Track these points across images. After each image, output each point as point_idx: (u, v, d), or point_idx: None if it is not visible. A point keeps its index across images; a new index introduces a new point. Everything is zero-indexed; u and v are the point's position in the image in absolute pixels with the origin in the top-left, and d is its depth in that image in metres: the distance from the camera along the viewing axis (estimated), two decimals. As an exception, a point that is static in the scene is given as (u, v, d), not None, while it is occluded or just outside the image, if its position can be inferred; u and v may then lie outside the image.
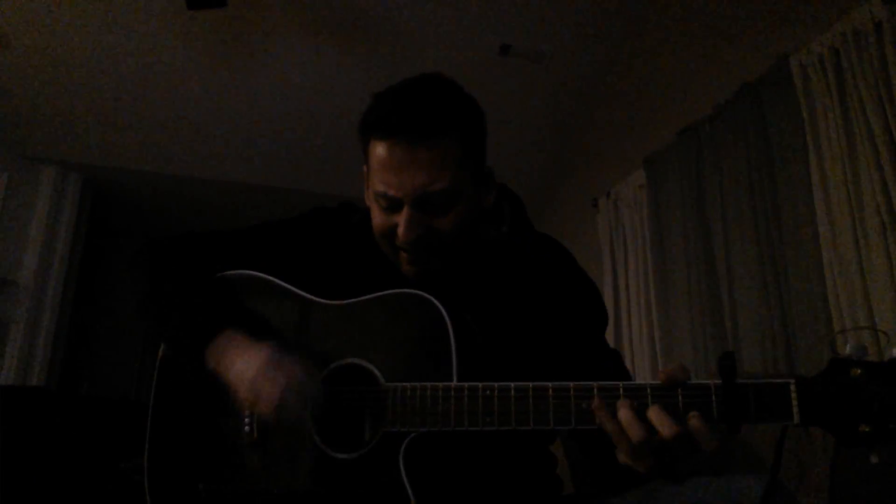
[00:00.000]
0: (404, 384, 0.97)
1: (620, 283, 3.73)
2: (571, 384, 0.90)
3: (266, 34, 3.61)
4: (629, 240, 3.71)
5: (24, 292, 3.91)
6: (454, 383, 0.95)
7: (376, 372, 1.01)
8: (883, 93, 2.34)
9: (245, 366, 0.99)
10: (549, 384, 0.91)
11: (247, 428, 1.04)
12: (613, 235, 3.83)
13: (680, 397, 0.86)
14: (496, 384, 0.93)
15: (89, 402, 3.23)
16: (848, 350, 0.84)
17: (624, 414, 0.86)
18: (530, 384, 0.92)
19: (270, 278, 1.14)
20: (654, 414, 0.85)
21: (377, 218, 1.09)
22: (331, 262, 1.17)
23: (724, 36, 3.18)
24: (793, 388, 0.83)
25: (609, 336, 3.84)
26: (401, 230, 1.05)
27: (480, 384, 0.94)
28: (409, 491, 0.94)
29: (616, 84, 3.98)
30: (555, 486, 1.17)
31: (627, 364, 3.55)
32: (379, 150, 1.04)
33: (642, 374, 3.41)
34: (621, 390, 0.88)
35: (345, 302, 1.07)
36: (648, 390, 0.87)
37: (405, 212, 1.04)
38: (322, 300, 1.09)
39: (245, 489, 1.03)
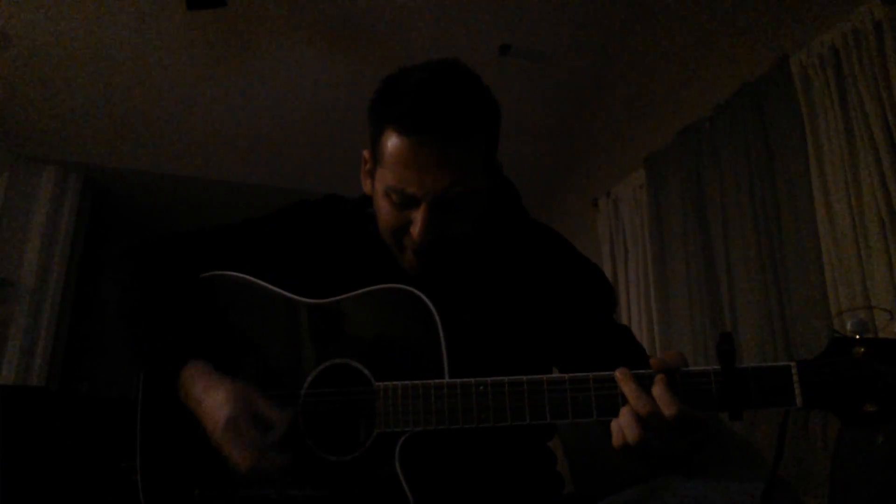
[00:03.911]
0: (395, 383, 0.95)
1: (620, 282, 3.73)
2: (567, 376, 0.89)
3: (266, 34, 3.61)
4: (629, 240, 3.71)
5: (24, 292, 3.90)
6: (446, 380, 0.93)
7: (366, 371, 0.99)
8: (883, 93, 2.34)
9: (210, 416, 0.94)
10: (544, 377, 0.90)
11: None
12: (613, 235, 3.83)
13: (678, 383, 0.85)
14: (489, 379, 0.91)
15: (89, 402, 3.22)
16: (849, 328, 0.82)
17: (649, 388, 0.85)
18: (524, 378, 0.90)
19: (253, 279, 1.10)
20: (657, 390, 0.84)
21: (386, 213, 1.04)
22: (318, 256, 1.14)
23: (724, 36, 3.19)
24: (794, 370, 0.82)
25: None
26: (417, 230, 1.00)
27: (473, 380, 0.92)
28: (407, 491, 0.92)
29: (616, 84, 3.98)
30: (555, 483, 1.16)
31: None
32: (399, 144, 0.98)
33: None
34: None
35: (331, 300, 1.04)
36: (647, 379, 0.86)
37: (423, 211, 0.99)
38: (307, 299, 1.06)
39: (240, 494, 1.01)
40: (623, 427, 0.84)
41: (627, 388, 0.85)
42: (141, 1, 3.36)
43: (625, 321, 3.63)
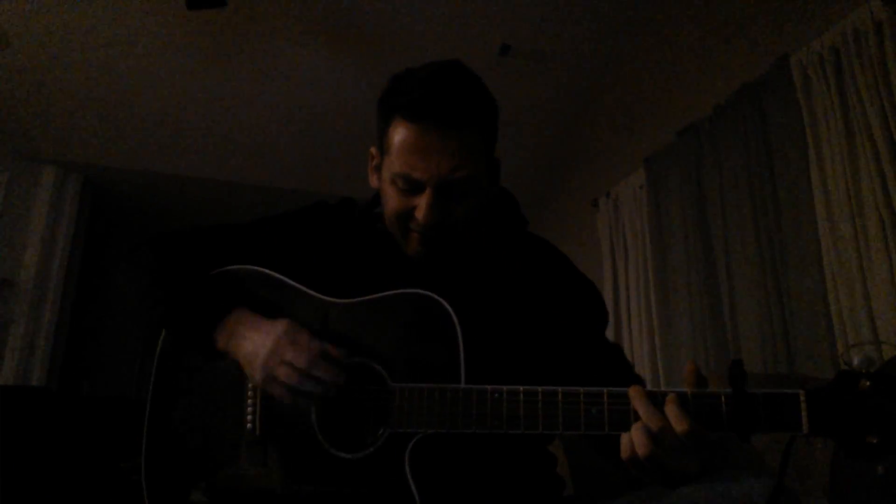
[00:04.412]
0: (412, 385, 0.97)
1: (620, 283, 3.73)
2: (581, 389, 0.91)
3: (265, 34, 3.61)
4: (629, 240, 3.71)
5: (24, 292, 3.91)
6: (462, 385, 0.95)
7: (383, 372, 1.00)
8: (883, 93, 2.34)
9: (260, 341, 0.99)
10: (559, 388, 0.91)
11: (249, 425, 1.03)
12: (613, 235, 3.83)
13: (691, 403, 0.87)
14: (505, 387, 0.93)
15: (89, 402, 3.23)
16: (856, 363, 0.85)
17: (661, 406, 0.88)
18: (539, 388, 0.92)
19: (273, 273, 1.12)
20: (669, 408, 0.87)
21: (393, 199, 1.09)
22: (334, 257, 1.17)
23: (724, 36, 3.19)
24: (802, 398, 0.85)
25: (609, 334, 3.88)
26: (421, 213, 1.05)
27: (489, 387, 0.93)
28: (415, 492, 0.93)
29: (616, 84, 3.98)
30: (556, 485, 1.17)
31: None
32: (405, 132, 1.04)
33: (642, 375, 3.41)
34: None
35: (351, 301, 1.06)
36: (658, 396, 0.88)
37: (427, 195, 1.04)
38: (327, 297, 1.08)
39: (247, 488, 1.03)
40: (634, 441, 0.87)
41: (640, 404, 0.88)
42: (141, 1, 3.36)
43: (625, 322, 3.64)
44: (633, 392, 0.89)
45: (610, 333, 3.62)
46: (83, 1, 3.33)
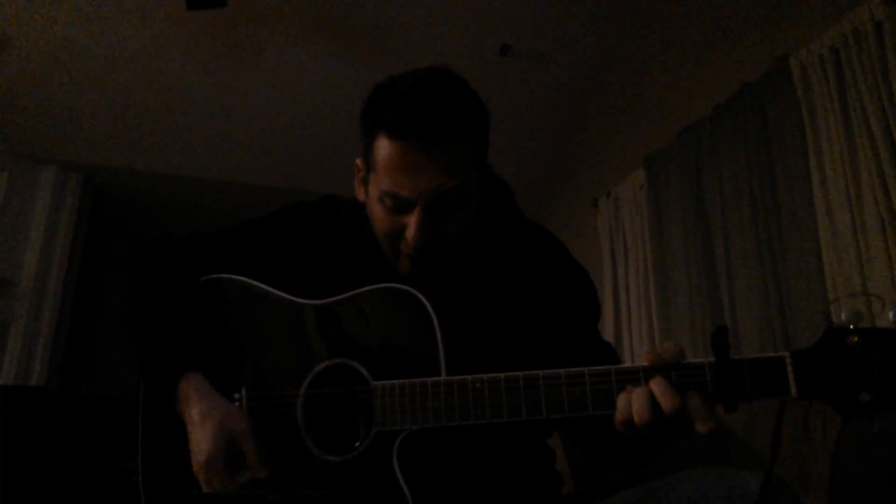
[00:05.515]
0: (392, 382, 0.96)
1: (620, 282, 3.73)
2: (562, 371, 0.90)
3: (266, 34, 3.61)
4: (629, 240, 3.71)
5: (24, 292, 3.90)
6: (443, 378, 0.94)
7: (364, 371, 0.99)
8: (883, 93, 2.34)
9: (194, 445, 0.98)
10: (540, 373, 0.90)
11: None
12: (613, 235, 3.83)
13: (673, 377, 0.85)
14: (486, 376, 0.92)
15: (89, 402, 3.23)
16: (843, 317, 0.81)
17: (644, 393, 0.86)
18: (520, 374, 0.91)
19: (251, 282, 1.11)
20: (656, 385, 0.85)
21: (381, 219, 1.06)
22: (316, 257, 1.15)
23: (724, 36, 3.19)
24: (788, 360, 0.81)
25: (609, 334, 3.85)
26: (411, 233, 1.02)
27: (470, 377, 0.92)
28: (406, 490, 0.93)
29: (616, 84, 3.98)
30: (554, 482, 1.16)
31: (627, 363, 3.56)
32: (391, 149, 1.00)
33: (642, 374, 3.41)
34: (613, 374, 0.88)
35: (328, 301, 1.05)
36: (641, 373, 0.87)
37: (417, 214, 1.01)
38: (304, 300, 1.07)
39: (239, 495, 1.02)
40: (634, 407, 0.85)
41: (658, 384, 0.85)
42: (141, 1, 3.36)
43: (625, 321, 3.63)
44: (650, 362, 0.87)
45: (610, 333, 3.64)
46: (83, 1, 3.33)
